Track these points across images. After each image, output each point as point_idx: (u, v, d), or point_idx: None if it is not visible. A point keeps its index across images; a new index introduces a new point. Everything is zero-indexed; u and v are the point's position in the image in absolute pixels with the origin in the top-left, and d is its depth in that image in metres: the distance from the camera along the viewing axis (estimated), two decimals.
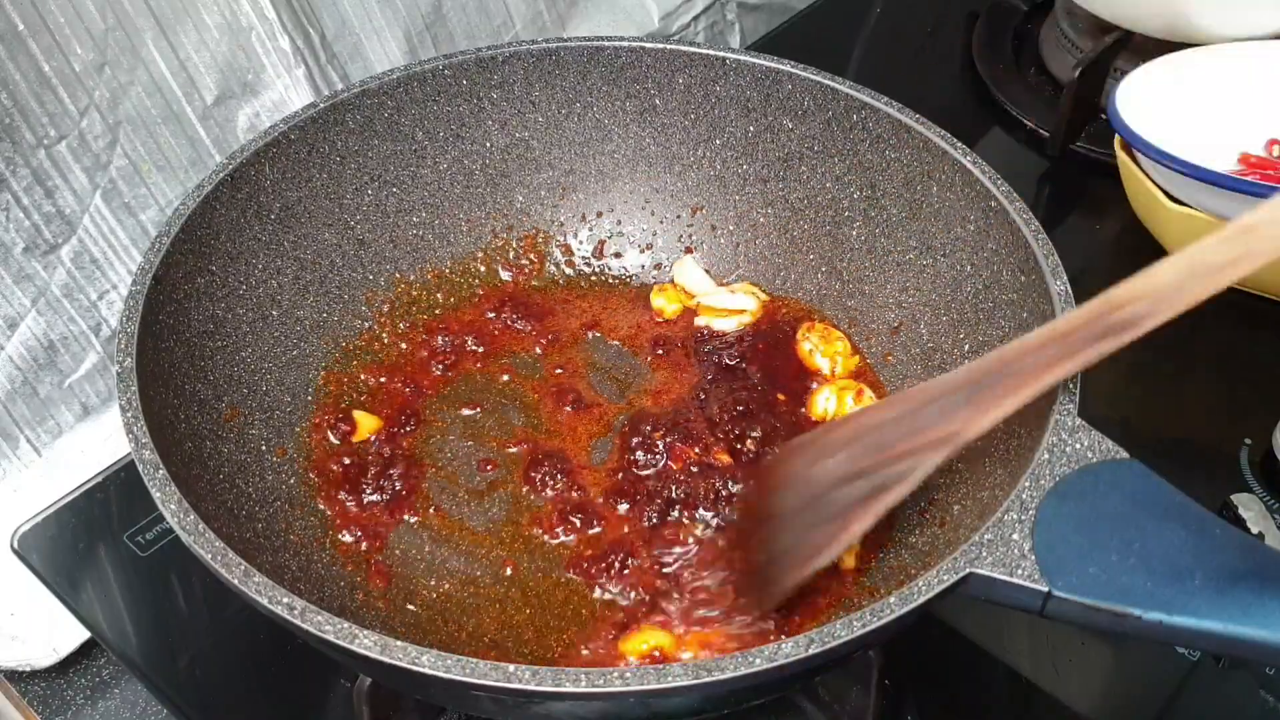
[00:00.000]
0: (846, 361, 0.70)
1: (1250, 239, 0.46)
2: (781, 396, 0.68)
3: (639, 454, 0.65)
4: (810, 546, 0.53)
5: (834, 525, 0.52)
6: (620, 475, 0.64)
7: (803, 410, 0.68)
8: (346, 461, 0.64)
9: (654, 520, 0.61)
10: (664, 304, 0.74)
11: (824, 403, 0.68)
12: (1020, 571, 0.45)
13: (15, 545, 0.67)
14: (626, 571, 0.59)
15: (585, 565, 0.60)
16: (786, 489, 0.56)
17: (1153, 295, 0.47)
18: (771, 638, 0.55)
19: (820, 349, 0.70)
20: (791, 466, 0.57)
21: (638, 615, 0.58)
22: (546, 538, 0.62)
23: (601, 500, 0.63)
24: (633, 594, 0.59)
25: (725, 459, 0.64)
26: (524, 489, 0.64)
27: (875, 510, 0.51)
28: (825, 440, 0.56)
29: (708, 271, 0.76)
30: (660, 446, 0.65)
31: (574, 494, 0.64)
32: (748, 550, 0.58)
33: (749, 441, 0.65)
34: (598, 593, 0.59)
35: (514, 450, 0.66)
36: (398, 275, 0.72)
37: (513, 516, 0.63)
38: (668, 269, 0.76)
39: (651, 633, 0.57)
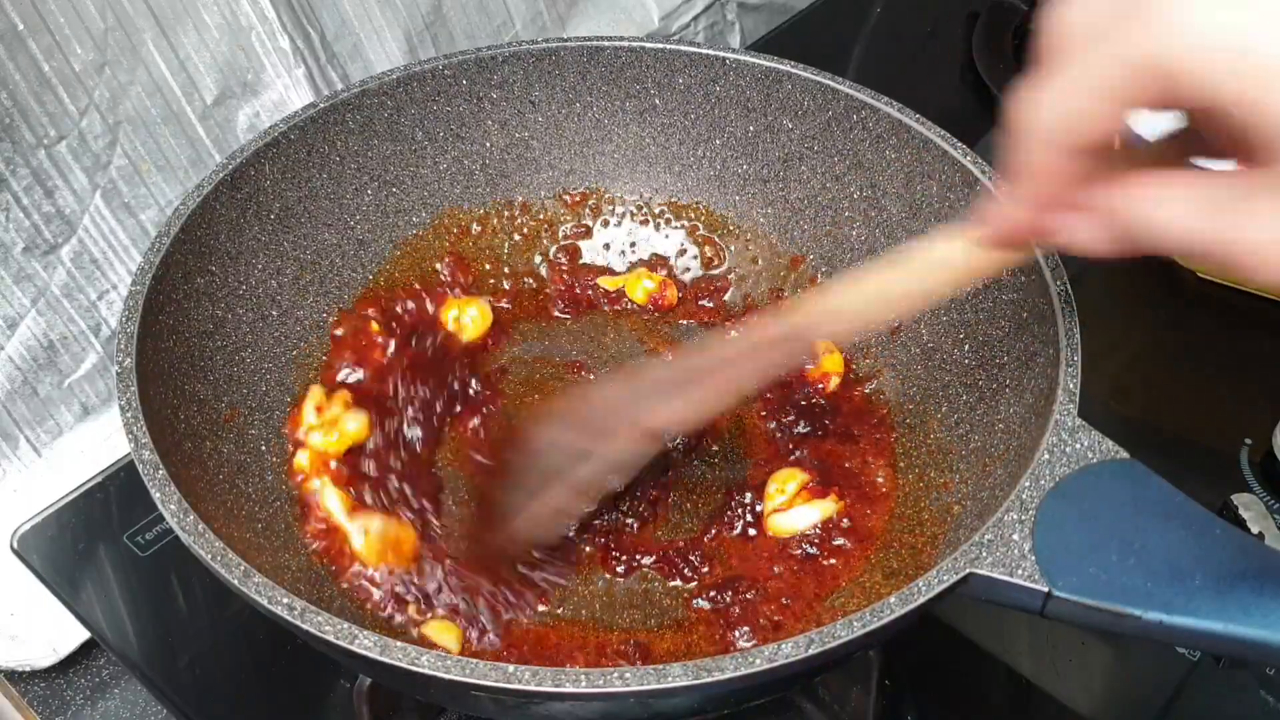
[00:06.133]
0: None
1: (925, 277, 0.48)
2: None
3: None
4: (540, 513, 0.57)
5: (559, 497, 0.57)
6: None
7: None
8: None
9: None
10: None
11: None
12: (1020, 572, 0.45)
13: (15, 545, 0.67)
14: None
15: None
16: (527, 455, 0.59)
17: (832, 315, 0.51)
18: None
19: None
20: (535, 435, 0.60)
21: None
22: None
23: None
24: None
25: None
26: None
27: (593, 494, 0.57)
28: (561, 414, 0.60)
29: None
30: None
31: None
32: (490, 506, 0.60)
33: None
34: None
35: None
36: (397, 275, 0.72)
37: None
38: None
39: None
